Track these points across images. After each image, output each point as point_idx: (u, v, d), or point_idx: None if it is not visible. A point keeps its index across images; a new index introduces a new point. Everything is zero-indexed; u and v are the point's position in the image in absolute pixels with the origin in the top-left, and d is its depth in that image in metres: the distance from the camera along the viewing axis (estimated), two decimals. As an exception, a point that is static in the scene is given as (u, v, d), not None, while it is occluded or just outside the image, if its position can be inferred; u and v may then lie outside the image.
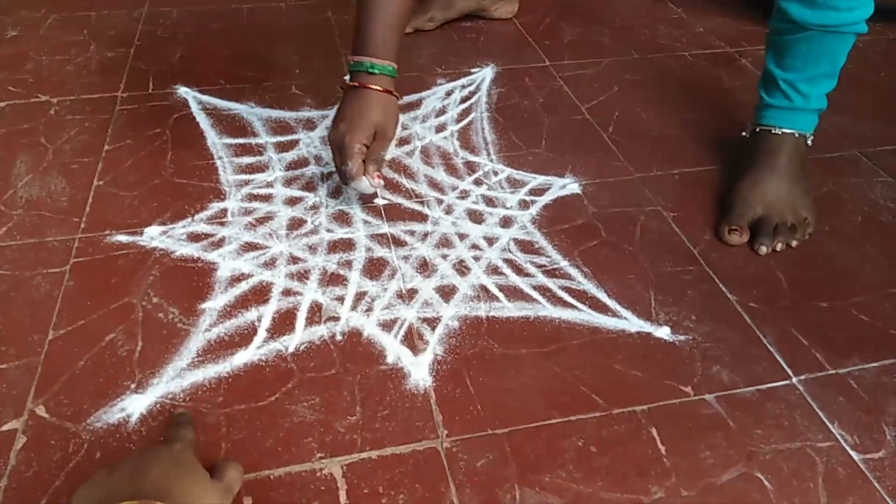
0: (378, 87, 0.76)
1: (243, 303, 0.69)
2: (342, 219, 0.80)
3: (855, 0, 0.74)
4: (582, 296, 0.72)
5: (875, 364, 0.66)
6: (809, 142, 0.83)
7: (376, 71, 0.76)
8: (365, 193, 0.78)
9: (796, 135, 0.82)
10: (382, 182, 0.78)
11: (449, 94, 1.03)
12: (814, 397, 0.62)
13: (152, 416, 0.58)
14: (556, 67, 1.12)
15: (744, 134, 0.87)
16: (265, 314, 0.68)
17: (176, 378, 0.61)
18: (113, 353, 0.63)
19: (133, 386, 0.61)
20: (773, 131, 0.83)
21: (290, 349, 0.65)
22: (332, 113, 0.97)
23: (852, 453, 0.58)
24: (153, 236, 0.76)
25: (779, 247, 0.77)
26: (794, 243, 0.78)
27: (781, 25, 0.80)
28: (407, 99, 1.01)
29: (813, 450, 0.58)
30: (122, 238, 0.75)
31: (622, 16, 1.30)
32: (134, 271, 0.71)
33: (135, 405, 0.59)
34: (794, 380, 0.64)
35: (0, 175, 0.84)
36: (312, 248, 0.75)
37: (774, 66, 0.83)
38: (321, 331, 0.66)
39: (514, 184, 0.86)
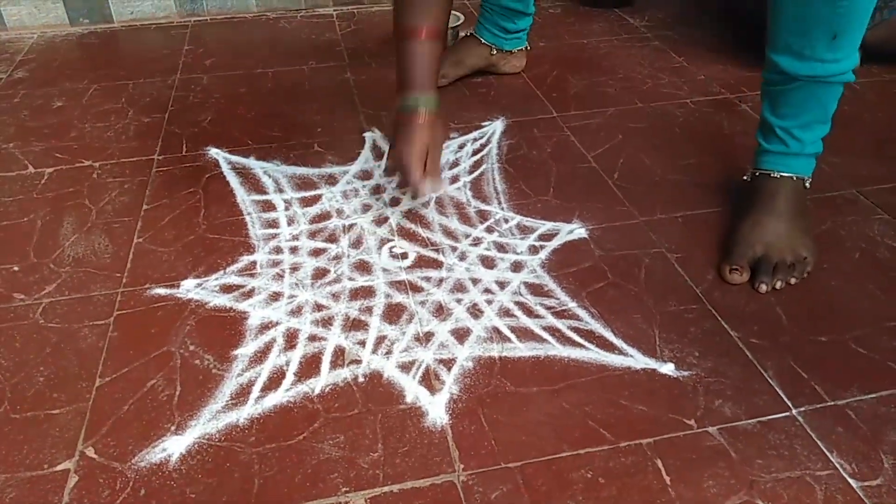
0: (425, 118, 0.89)
1: (272, 349, 0.74)
2: (363, 268, 0.85)
3: (840, 52, 0.79)
4: (590, 335, 0.76)
5: (873, 395, 0.68)
6: (807, 184, 0.88)
7: (422, 105, 0.89)
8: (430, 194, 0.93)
9: (794, 178, 0.87)
10: (445, 183, 0.96)
11: (461, 147, 1.09)
12: (813, 428, 0.65)
13: (191, 456, 0.63)
14: (563, 118, 1.18)
15: (745, 178, 0.92)
16: (292, 359, 0.73)
17: (212, 420, 0.66)
18: (154, 398, 0.69)
19: (173, 428, 0.66)
20: (772, 175, 0.87)
21: (316, 391, 0.69)
22: (352, 168, 1.04)
23: (851, 481, 0.61)
24: (189, 289, 0.82)
25: (778, 285, 0.81)
26: (792, 281, 0.81)
27: (774, 76, 0.85)
28: (422, 153, 1.08)
29: (812, 478, 0.61)
30: (161, 291, 0.82)
31: (625, 66, 1.37)
32: (172, 322, 0.77)
33: (175, 446, 0.64)
34: (794, 411, 0.67)
35: (49, 235, 0.91)
36: (335, 296, 0.81)
37: (770, 115, 0.87)
38: (344, 373, 0.71)
39: (524, 230, 0.91)
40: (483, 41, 1.28)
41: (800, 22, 0.78)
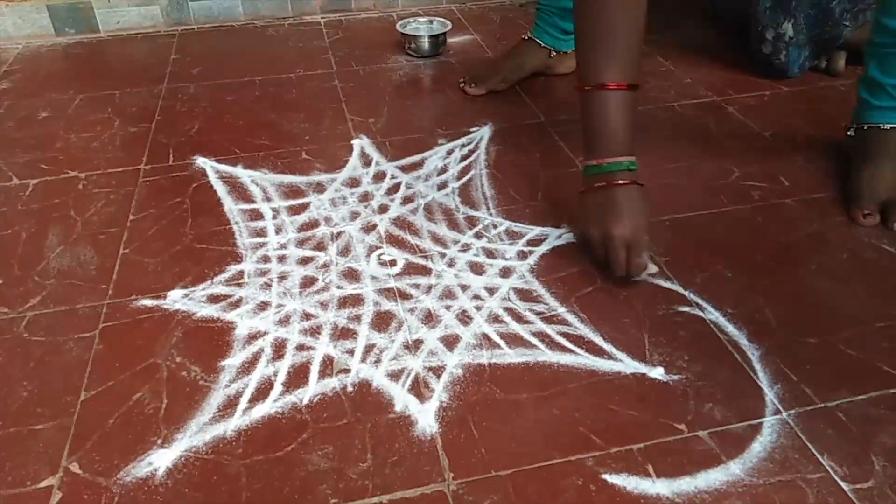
0: (639, 182, 0.83)
1: (260, 359, 0.73)
2: (351, 276, 0.85)
3: None
4: (579, 340, 0.75)
5: (863, 396, 0.68)
6: None
7: (634, 168, 0.83)
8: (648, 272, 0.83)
9: None
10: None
11: (449, 153, 1.09)
12: (804, 430, 0.65)
13: (178, 469, 0.62)
14: (551, 123, 1.18)
15: (848, 133, 1.01)
16: (280, 369, 0.72)
17: (199, 432, 0.66)
18: (140, 411, 0.68)
19: (159, 441, 0.65)
20: (881, 127, 0.97)
21: (305, 401, 0.69)
22: (340, 176, 1.04)
23: (842, 484, 0.60)
24: (176, 299, 0.81)
25: None
26: None
27: (885, 39, 0.94)
28: (410, 160, 1.07)
29: (804, 481, 0.61)
30: (148, 302, 0.81)
31: (613, 71, 1.36)
32: (158, 333, 0.76)
33: (161, 459, 0.63)
34: (785, 414, 0.67)
35: (34, 247, 0.90)
36: (324, 305, 0.80)
37: (879, 74, 0.97)
38: (333, 383, 0.71)
39: (513, 236, 0.91)
40: (542, 44, 1.28)
41: None
